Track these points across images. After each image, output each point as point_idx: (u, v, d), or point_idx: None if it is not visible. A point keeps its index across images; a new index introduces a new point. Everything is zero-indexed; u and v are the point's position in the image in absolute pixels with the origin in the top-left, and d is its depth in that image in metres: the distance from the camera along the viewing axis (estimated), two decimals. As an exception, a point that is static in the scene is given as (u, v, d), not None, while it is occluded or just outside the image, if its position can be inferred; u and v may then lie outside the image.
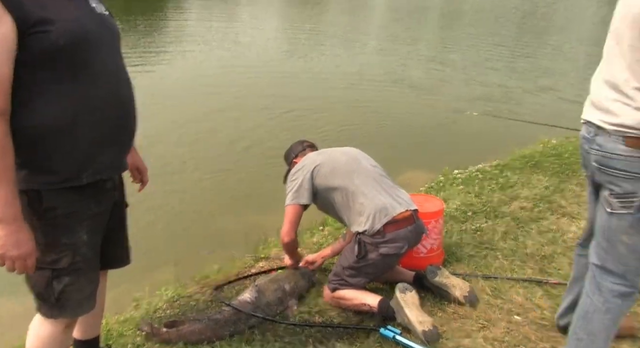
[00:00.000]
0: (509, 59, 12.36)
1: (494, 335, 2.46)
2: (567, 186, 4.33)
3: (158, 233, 4.16)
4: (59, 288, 1.69)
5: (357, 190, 2.68)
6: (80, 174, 1.66)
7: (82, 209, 1.71)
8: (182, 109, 7.67)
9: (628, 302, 1.99)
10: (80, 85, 1.61)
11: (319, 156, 2.89)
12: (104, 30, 1.73)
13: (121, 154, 1.84)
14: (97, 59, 1.66)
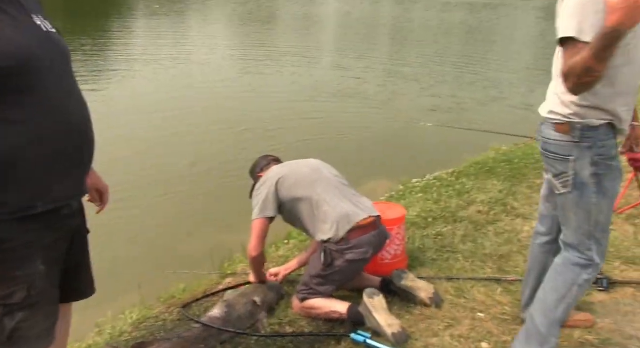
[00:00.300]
0: (457, 72, 12.78)
1: (460, 332, 2.55)
2: (518, 189, 4.53)
3: (119, 257, 4.08)
4: (11, 325, 1.54)
5: (320, 199, 2.74)
6: (35, 202, 1.56)
7: (37, 239, 1.59)
8: (135, 130, 7.57)
9: (586, 273, 2.13)
10: (27, 113, 1.51)
11: (282, 169, 2.94)
12: (52, 50, 1.63)
13: (79, 180, 1.73)
14: (45, 83, 1.56)
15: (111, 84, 10.44)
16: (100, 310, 2.98)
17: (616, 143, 2.08)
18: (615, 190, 2.10)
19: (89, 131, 1.72)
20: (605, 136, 2.02)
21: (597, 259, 2.14)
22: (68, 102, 1.64)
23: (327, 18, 26.99)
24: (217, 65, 12.83)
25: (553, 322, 2.19)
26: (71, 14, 21.16)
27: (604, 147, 2.01)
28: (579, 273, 2.14)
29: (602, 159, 2.02)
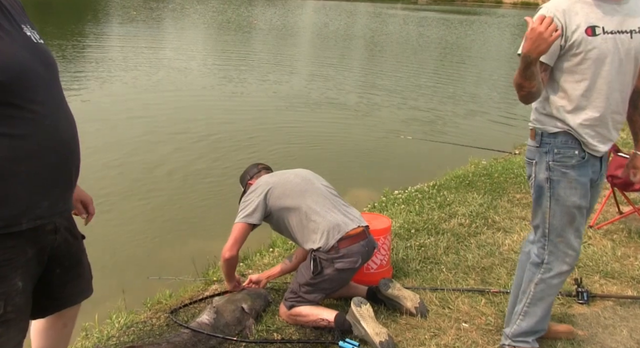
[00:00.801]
0: (437, 85, 13.00)
1: (445, 341, 2.61)
2: (499, 203, 4.64)
3: (102, 263, 4.03)
4: None
5: (310, 209, 2.77)
6: (20, 219, 1.54)
7: (18, 255, 1.57)
8: (114, 136, 7.49)
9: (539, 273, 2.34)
10: (18, 127, 1.50)
11: (271, 178, 2.97)
12: (43, 62, 1.63)
13: (65, 196, 1.72)
14: (37, 97, 1.55)
15: (88, 89, 10.30)
16: (85, 314, 2.93)
17: (579, 155, 2.18)
18: (570, 200, 2.21)
19: (77, 147, 1.73)
20: (563, 144, 2.20)
21: (550, 261, 2.30)
22: (57, 116, 1.64)
23: (305, 29, 27.16)
24: (196, 73, 12.77)
25: (517, 312, 2.42)
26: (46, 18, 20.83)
27: (559, 154, 2.19)
28: (534, 272, 2.36)
29: (557, 165, 2.20)
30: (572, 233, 2.27)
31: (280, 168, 3.17)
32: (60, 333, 1.98)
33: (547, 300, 2.37)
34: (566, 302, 3.00)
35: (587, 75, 2.10)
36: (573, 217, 2.24)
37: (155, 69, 12.78)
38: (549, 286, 2.33)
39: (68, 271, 1.87)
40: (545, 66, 2.13)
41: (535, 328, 2.41)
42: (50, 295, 1.78)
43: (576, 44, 2.07)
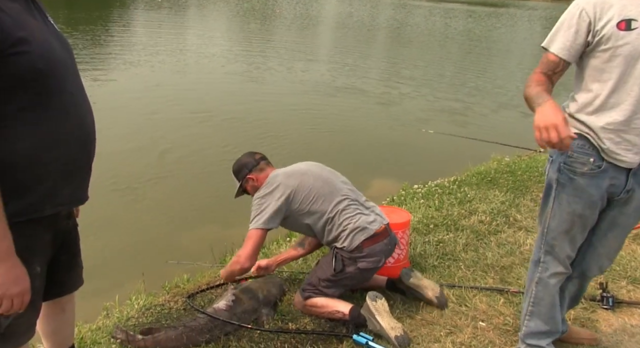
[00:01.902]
0: (463, 78, 12.84)
1: (461, 339, 2.59)
2: (521, 201, 4.57)
3: (123, 248, 4.11)
4: (7, 323, 1.58)
5: (337, 213, 2.70)
6: (44, 206, 1.58)
7: (38, 241, 1.63)
8: (140, 121, 7.58)
9: (537, 272, 2.32)
10: (50, 115, 1.53)
11: (289, 180, 2.77)
12: (67, 51, 1.65)
13: (84, 186, 1.76)
14: (66, 85, 1.59)
15: (114, 73, 10.41)
16: (107, 295, 3.01)
17: (594, 163, 2.05)
18: (571, 207, 2.11)
19: (95, 138, 1.76)
20: (578, 148, 2.05)
21: (546, 260, 2.27)
22: (82, 106, 1.68)
23: (329, 18, 27.02)
24: (221, 59, 12.81)
25: (523, 312, 2.40)
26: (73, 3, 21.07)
27: (571, 157, 2.07)
28: (534, 270, 2.34)
29: (566, 168, 2.11)
30: (566, 241, 2.20)
31: (299, 154, 3.13)
32: (59, 317, 2.01)
33: (549, 300, 2.33)
34: (590, 307, 2.94)
35: (615, 74, 1.95)
36: (571, 225, 2.16)
37: (180, 54, 12.86)
38: (547, 286, 2.30)
39: (72, 258, 1.92)
40: (563, 64, 2.03)
41: (544, 329, 2.36)
42: (54, 281, 1.80)
43: (605, 39, 1.93)
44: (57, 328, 2.04)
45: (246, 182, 2.90)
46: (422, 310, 2.84)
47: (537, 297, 2.34)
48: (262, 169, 2.91)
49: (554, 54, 2.03)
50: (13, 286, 1.45)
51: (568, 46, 2.00)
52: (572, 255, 2.25)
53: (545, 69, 2.07)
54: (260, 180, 2.87)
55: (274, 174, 2.84)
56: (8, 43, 1.39)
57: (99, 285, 3.01)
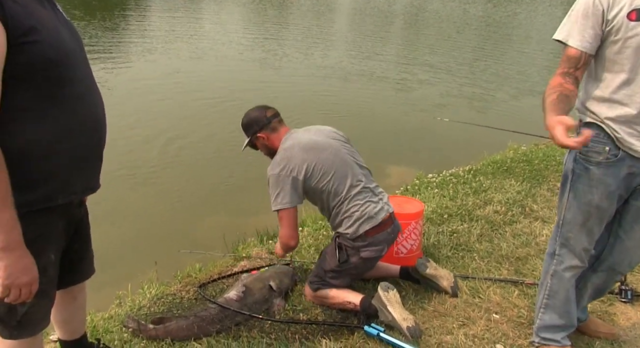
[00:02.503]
0: (482, 64, 12.65)
1: (474, 332, 2.56)
2: (538, 191, 4.50)
3: (136, 237, 4.14)
4: (23, 311, 1.61)
5: (350, 199, 2.65)
6: (57, 195, 1.59)
7: (51, 229, 1.64)
8: (150, 108, 7.60)
9: (553, 264, 2.29)
10: (61, 105, 1.53)
11: (308, 154, 2.63)
12: (77, 40, 1.64)
13: (95, 174, 1.77)
14: (77, 75, 1.59)
15: (130, 59, 10.44)
16: (120, 284, 3.03)
17: (610, 152, 2.00)
18: (587, 198, 2.08)
19: (106, 127, 1.76)
20: (594, 137, 1.98)
21: (561, 253, 2.23)
22: (93, 95, 1.68)
23: (345, 5, 26.76)
24: (237, 45, 12.79)
25: (537, 305, 2.38)
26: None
27: (587, 147, 2.02)
28: (549, 263, 2.30)
29: (582, 158, 2.08)
30: (583, 234, 2.16)
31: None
32: (71, 306, 2.02)
33: (564, 294, 2.29)
34: (607, 300, 2.88)
35: (626, 66, 1.90)
36: (587, 217, 2.11)
37: (197, 41, 12.85)
38: (562, 279, 2.26)
39: (84, 246, 1.94)
40: (586, 57, 1.96)
41: (559, 323, 2.33)
42: (67, 269, 1.82)
43: (615, 30, 1.88)
44: (69, 317, 2.05)
45: (256, 139, 2.78)
46: (434, 302, 2.81)
47: (552, 290, 2.31)
48: (275, 129, 2.77)
49: (574, 48, 1.96)
50: (21, 275, 1.46)
51: (587, 38, 1.93)
52: (589, 248, 2.20)
53: (567, 67, 1.99)
54: (272, 140, 2.75)
55: (290, 144, 2.67)
56: (19, 32, 1.39)
57: (111, 274, 3.03)
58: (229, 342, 2.44)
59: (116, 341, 2.43)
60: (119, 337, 2.47)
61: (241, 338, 2.47)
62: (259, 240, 3.80)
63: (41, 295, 1.62)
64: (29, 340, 1.70)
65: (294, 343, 2.45)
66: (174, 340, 2.43)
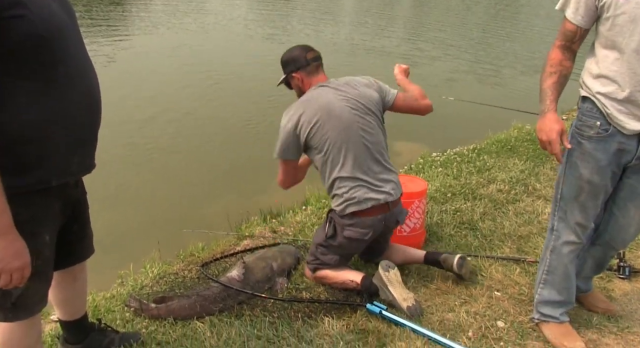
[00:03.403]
0: (490, 42, 12.53)
1: (476, 309, 2.56)
2: (541, 170, 4.48)
3: (139, 216, 4.14)
4: (18, 293, 1.58)
5: (340, 179, 2.55)
6: (51, 177, 1.56)
7: (46, 211, 1.62)
8: (150, 87, 7.55)
9: (551, 239, 2.31)
10: (55, 84, 1.49)
11: (318, 116, 2.51)
12: (69, 14, 1.58)
13: (91, 154, 1.75)
14: (71, 52, 1.53)
15: (136, 34, 10.36)
16: (122, 263, 3.04)
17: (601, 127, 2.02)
18: (579, 171, 2.10)
19: (100, 101, 1.71)
20: (587, 111, 2.07)
21: (558, 228, 2.25)
22: (87, 73, 1.63)
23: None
24: (242, 21, 12.68)
25: (537, 280, 2.40)
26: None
27: (581, 121, 2.09)
28: (549, 238, 2.32)
29: (576, 132, 2.11)
30: (576, 208, 2.18)
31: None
32: (72, 286, 2.01)
33: (563, 270, 2.29)
34: (606, 276, 2.89)
35: (616, 43, 1.92)
36: (580, 191, 2.13)
37: (204, 16, 12.73)
38: (560, 254, 2.27)
39: (83, 227, 1.92)
40: (581, 32, 2.02)
41: (558, 299, 2.33)
42: (67, 250, 1.81)
43: (606, 7, 1.91)
44: (69, 297, 2.05)
45: (291, 78, 2.71)
46: (437, 280, 2.80)
47: (551, 266, 2.33)
48: (311, 73, 2.67)
49: (570, 22, 2.02)
50: (13, 260, 1.43)
51: (581, 12, 1.98)
52: (584, 224, 2.22)
53: (564, 39, 2.08)
54: (305, 83, 2.68)
55: (309, 97, 2.59)
56: (2, 5, 1.33)
57: (114, 255, 3.03)
58: (231, 320, 2.45)
59: (118, 321, 2.43)
60: (120, 317, 2.47)
61: (244, 316, 2.48)
62: (262, 219, 3.80)
63: (37, 277, 1.61)
64: (26, 322, 1.68)
65: (296, 321, 2.45)
66: (176, 319, 2.43)
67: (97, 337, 2.18)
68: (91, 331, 2.17)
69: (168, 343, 2.28)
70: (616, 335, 2.41)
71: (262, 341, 2.30)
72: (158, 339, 2.30)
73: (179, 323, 2.42)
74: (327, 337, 2.34)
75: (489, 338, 2.34)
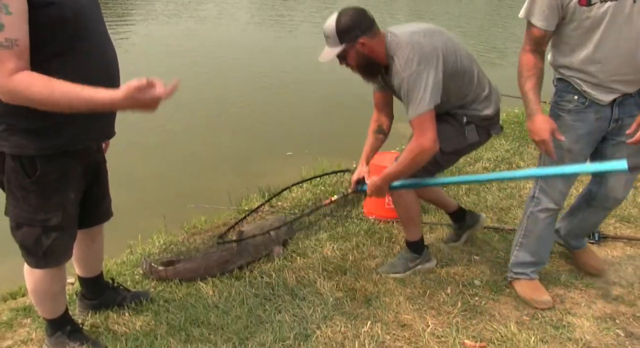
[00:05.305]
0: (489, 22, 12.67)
1: (455, 270, 2.80)
2: (525, 149, 4.70)
3: (146, 191, 4.38)
4: (47, 243, 1.84)
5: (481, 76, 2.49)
6: (76, 141, 1.79)
7: (72, 171, 1.84)
8: (160, 69, 7.79)
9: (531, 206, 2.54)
10: (78, 57, 1.69)
11: (432, 39, 2.27)
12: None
13: (111, 122, 1.96)
14: (92, 29, 1.74)
15: (143, 22, 10.53)
16: (130, 234, 3.28)
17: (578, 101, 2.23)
18: (558, 142, 2.22)
19: (119, 74, 1.93)
20: (564, 89, 2.28)
21: (539, 196, 2.48)
22: (106, 48, 1.84)
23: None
24: (251, 9, 12.84)
25: (514, 243, 2.65)
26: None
27: (560, 97, 2.30)
28: (528, 205, 2.54)
29: (556, 107, 2.33)
30: (558, 177, 2.40)
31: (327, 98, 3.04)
32: (90, 246, 2.26)
33: (538, 234, 2.53)
34: (578, 241, 3.12)
35: (582, 42, 2.13)
36: (561, 160, 2.32)
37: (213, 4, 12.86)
38: (537, 220, 2.50)
39: (102, 189, 2.15)
40: (549, 35, 2.21)
41: (530, 260, 2.58)
42: (88, 211, 2.04)
43: (570, 13, 2.11)
44: (89, 257, 2.30)
45: (352, 47, 2.26)
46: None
47: (527, 230, 2.56)
48: (376, 34, 2.28)
49: (538, 28, 2.19)
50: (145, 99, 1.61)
51: (548, 16, 2.15)
52: (564, 191, 2.44)
53: (533, 44, 2.24)
54: (372, 47, 2.27)
55: (408, 37, 2.25)
56: (38, 2, 1.56)
57: (123, 227, 3.23)
58: (231, 281, 2.69)
59: (128, 282, 2.68)
60: (130, 279, 2.73)
61: (243, 278, 2.72)
62: (261, 195, 4.02)
63: (63, 231, 1.87)
64: (53, 271, 1.95)
65: (291, 280, 2.69)
66: (181, 281, 2.68)
67: (111, 294, 2.43)
68: (106, 289, 2.43)
69: (174, 300, 2.53)
70: (581, 290, 2.65)
71: (260, 298, 2.54)
72: (165, 297, 2.55)
73: (184, 284, 2.66)
74: (318, 294, 2.58)
75: (465, 294, 2.58)
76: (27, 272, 1.95)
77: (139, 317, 2.38)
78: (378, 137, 2.72)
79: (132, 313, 2.40)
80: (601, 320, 2.43)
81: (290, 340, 2.23)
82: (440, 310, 2.47)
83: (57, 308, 2.06)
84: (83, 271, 2.33)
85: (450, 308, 2.47)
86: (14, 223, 1.83)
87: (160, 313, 2.41)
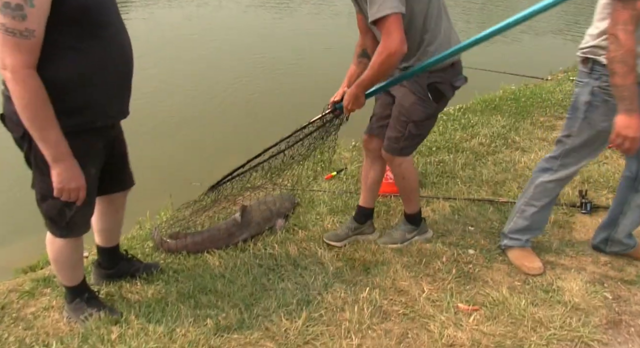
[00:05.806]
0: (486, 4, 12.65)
1: (451, 240, 2.93)
2: (521, 125, 4.80)
3: (154, 171, 4.51)
4: (70, 214, 1.98)
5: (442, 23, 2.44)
6: (96, 118, 1.92)
7: (93, 148, 1.98)
8: (176, 55, 7.95)
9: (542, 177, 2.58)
10: (98, 43, 1.81)
11: None
12: None
13: (127, 101, 2.09)
14: (110, 19, 1.87)
15: (150, 11, 10.55)
16: (139, 212, 3.40)
17: None
18: (602, 125, 2.29)
19: (132, 58, 2.06)
20: None
21: (558, 170, 2.51)
22: (122, 34, 1.97)
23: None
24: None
25: (514, 210, 2.71)
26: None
27: (606, 82, 2.20)
28: (537, 176, 2.59)
29: (601, 92, 2.27)
30: (589, 154, 2.44)
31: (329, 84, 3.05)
32: (114, 217, 2.42)
33: (543, 203, 2.62)
34: (569, 212, 3.25)
35: None
36: (595, 140, 2.36)
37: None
38: (545, 189, 2.59)
39: (122, 159, 2.30)
40: None
41: (529, 227, 2.69)
42: (109, 179, 2.19)
43: None
44: (110, 227, 2.46)
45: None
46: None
47: (533, 198, 2.63)
48: None
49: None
50: (71, 181, 1.84)
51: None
52: (584, 166, 2.53)
53: (635, 23, 2.01)
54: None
55: None
56: None
57: (132, 205, 3.36)
58: (237, 253, 2.82)
59: (139, 255, 2.81)
60: (141, 251, 2.86)
61: (247, 250, 2.85)
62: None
63: (83, 204, 2.00)
64: (74, 241, 2.11)
65: (293, 252, 2.82)
66: (189, 253, 2.81)
67: (125, 264, 2.57)
68: (120, 260, 2.56)
69: (183, 271, 2.67)
70: (571, 258, 2.78)
71: (264, 268, 2.68)
72: (174, 268, 2.69)
73: (191, 256, 2.80)
74: (319, 264, 2.71)
75: (459, 262, 2.72)
76: (50, 241, 2.10)
77: (151, 286, 2.52)
78: (362, 60, 2.62)
79: (144, 283, 2.54)
80: (590, 284, 2.56)
81: (293, 305, 2.36)
82: (435, 277, 2.60)
83: (76, 277, 2.22)
84: (104, 240, 2.47)
85: (445, 275, 2.60)
86: (40, 196, 1.98)
87: (170, 283, 2.55)
